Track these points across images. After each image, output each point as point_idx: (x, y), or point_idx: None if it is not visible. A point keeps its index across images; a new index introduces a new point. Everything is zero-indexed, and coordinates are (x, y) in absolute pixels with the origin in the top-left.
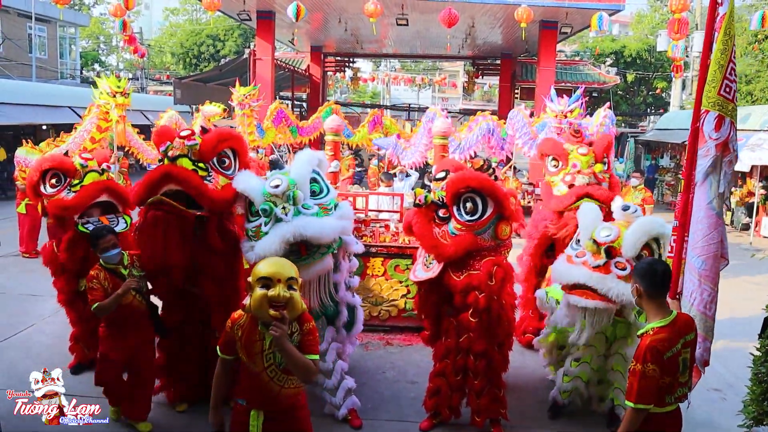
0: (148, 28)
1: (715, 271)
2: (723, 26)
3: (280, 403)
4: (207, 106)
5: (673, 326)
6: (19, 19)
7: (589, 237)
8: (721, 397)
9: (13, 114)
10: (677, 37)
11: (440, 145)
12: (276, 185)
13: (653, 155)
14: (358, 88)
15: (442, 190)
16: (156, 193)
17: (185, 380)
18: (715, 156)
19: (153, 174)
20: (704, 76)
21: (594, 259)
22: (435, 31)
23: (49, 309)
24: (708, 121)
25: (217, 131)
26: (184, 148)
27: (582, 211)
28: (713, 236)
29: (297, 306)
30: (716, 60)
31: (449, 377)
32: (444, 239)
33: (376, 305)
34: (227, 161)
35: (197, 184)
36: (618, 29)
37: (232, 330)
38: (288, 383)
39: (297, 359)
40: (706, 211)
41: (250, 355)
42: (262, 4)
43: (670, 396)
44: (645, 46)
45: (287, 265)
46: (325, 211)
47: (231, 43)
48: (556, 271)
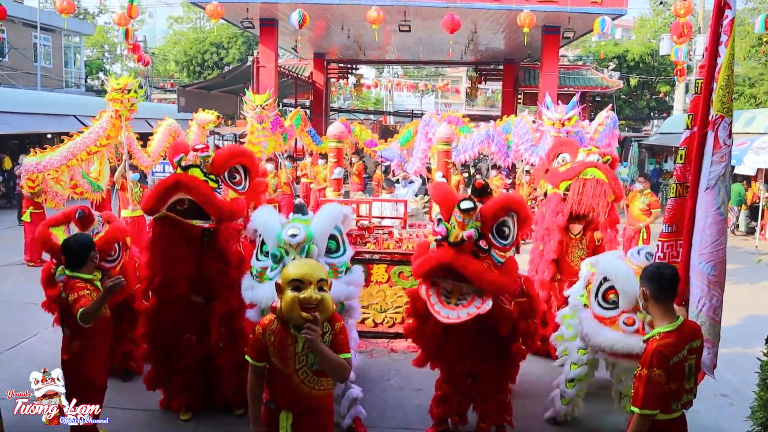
0: (152, 36)
1: (723, 276)
2: (733, 31)
3: (310, 404)
4: (201, 113)
5: (680, 332)
6: (24, 28)
7: (635, 299)
8: (729, 403)
9: (18, 123)
10: (680, 41)
11: (443, 151)
12: (293, 234)
13: (657, 159)
14: (361, 95)
15: (476, 220)
16: (167, 200)
17: (188, 389)
18: (728, 162)
19: (164, 182)
20: (709, 80)
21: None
22: (437, 37)
23: (52, 318)
24: (723, 127)
25: (230, 147)
26: (197, 159)
27: (613, 269)
28: (721, 241)
29: (328, 307)
30: (728, 65)
31: (458, 383)
32: (492, 271)
33: (381, 312)
34: (238, 177)
35: (205, 191)
36: (621, 33)
37: (263, 336)
38: (319, 384)
39: (331, 360)
40: (714, 217)
41: (283, 359)
42: (266, 11)
43: (676, 402)
44: (648, 50)
45: (318, 267)
46: (335, 274)
47: (234, 51)
48: (597, 338)
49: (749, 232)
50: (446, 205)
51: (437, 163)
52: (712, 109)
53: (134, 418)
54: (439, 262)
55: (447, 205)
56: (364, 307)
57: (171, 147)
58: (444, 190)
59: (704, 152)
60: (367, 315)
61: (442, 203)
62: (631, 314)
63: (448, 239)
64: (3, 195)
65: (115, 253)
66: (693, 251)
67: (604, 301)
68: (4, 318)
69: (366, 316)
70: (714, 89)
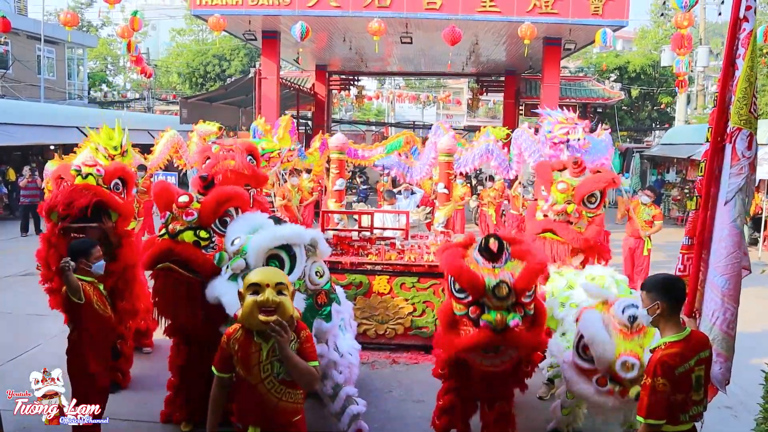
0: (154, 48)
1: (738, 290)
2: (751, 43)
3: (278, 417)
4: (202, 125)
5: (687, 342)
6: (28, 41)
7: (607, 366)
8: (733, 415)
9: (21, 135)
10: (682, 53)
11: (445, 162)
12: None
13: (659, 170)
14: (363, 106)
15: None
16: (162, 263)
17: (190, 401)
18: (747, 175)
19: (158, 249)
20: (724, 93)
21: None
22: (439, 49)
23: (55, 329)
24: (741, 139)
25: (216, 193)
26: (183, 222)
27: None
28: (737, 255)
29: (287, 310)
30: (745, 77)
31: (465, 394)
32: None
33: (382, 323)
34: (229, 220)
35: (196, 259)
36: (622, 45)
37: (227, 345)
38: (286, 395)
39: (299, 366)
40: (731, 230)
41: (247, 368)
42: (268, 24)
43: (684, 414)
44: (649, 62)
45: (276, 272)
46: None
47: (237, 63)
48: (575, 385)
49: (752, 243)
50: (472, 287)
51: (439, 175)
52: (730, 122)
53: (134, 429)
54: (488, 346)
55: (473, 287)
56: (365, 318)
57: (155, 193)
58: (460, 266)
59: (723, 165)
60: (369, 326)
61: (467, 285)
62: (605, 376)
63: (493, 327)
64: (6, 206)
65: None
66: (710, 264)
67: (583, 353)
68: (6, 329)
69: (368, 327)
70: (732, 102)
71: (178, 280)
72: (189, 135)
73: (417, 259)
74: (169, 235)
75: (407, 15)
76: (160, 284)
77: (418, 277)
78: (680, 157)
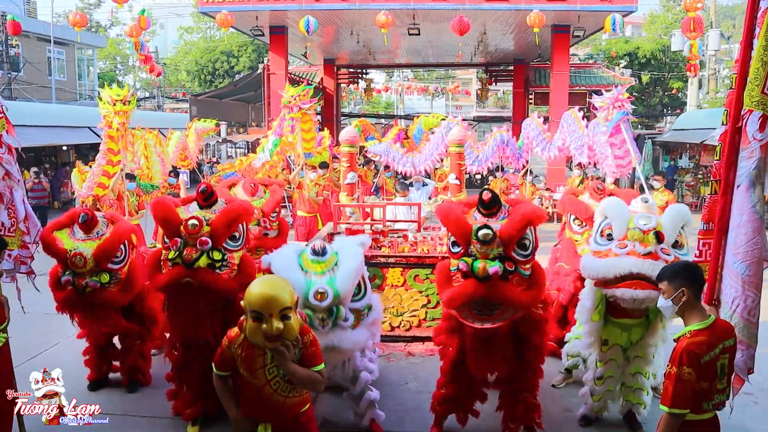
0: (163, 47)
1: (759, 276)
2: (766, 21)
3: (286, 413)
4: (198, 123)
5: (713, 330)
6: (38, 43)
7: (627, 227)
8: (753, 401)
9: (34, 136)
10: (692, 36)
11: (456, 153)
12: (321, 297)
13: (671, 156)
14: (371, 99)
15: (498, 246)
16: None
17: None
18: (759, 158)
19: (173, 276)
20: (743, 73)
21: (643, 247)
22: (447, 40)
23: (73, 328)
24: (752, 121)
25: (225, 213)
26: (198, 250)
27: (609, 204)
28: (757, 241)
29: (292, 332)
30: (759, 57)
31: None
32: (523, 285)
33: (397, 316)
34: (237, 235)
35: (216, 285)
36: (631, 30)
37: (229, 349)
38: (292, 392)
39: (302, 376)
40: (750, 215)
41: (252, 371)
42: (275, 19)
43: (708, 402)
44: (659, 47)
45: (279, 297)
46: (358, 319)
47: (245, 59)
48: (591, 268)
49: None
50: (459, 232)
51: (450, 166)
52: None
53: (152, 426)
54: (472, 297)
55: (460, 232)
56: None
57: (162, 219)
58: (452, 213)
59: (739, 149)
60: (383, 319)
61: (455, 230)
62: (624, 241)
63: (474, 274)
64: None
65: (121, 254)
66: (728, 250)
67: (601, 238)
68: (24, 328)
69: (382, 319)
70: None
71: (197, 295)
72: (184, 133)
73: (430, 251)
74: (183, 263)
75: (414, 6)
76: (177, 297)
77: (431, 269)
78: (693, 142)
